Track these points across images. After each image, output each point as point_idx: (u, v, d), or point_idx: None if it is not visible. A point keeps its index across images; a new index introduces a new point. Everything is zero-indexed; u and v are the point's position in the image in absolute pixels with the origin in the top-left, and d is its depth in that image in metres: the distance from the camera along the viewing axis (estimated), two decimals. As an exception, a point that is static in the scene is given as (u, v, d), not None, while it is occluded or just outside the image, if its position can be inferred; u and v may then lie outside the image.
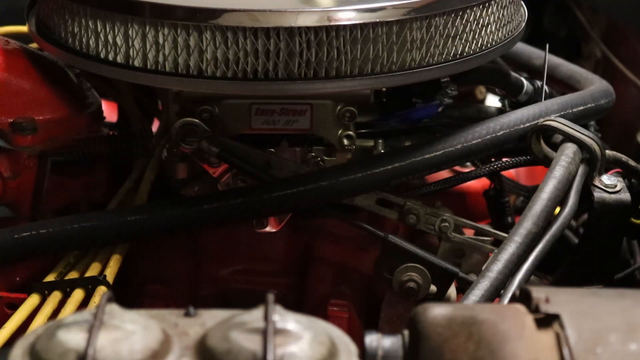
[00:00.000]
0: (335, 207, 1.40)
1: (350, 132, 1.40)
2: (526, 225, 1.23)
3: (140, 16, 1.31)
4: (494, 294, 1.18)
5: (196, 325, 0.87)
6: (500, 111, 1.55)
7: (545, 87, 1.56)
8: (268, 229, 1.41)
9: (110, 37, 1.34)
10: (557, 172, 1.30)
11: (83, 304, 1.32)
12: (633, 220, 1.36)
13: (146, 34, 1.31)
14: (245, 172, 1.38)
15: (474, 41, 1.39)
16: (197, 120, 1.36)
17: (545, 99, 1.52)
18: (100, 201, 1.48)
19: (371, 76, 1.32)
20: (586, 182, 1.34)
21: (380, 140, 1.43)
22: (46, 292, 1.33)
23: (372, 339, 0.89)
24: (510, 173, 1.67)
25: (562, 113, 1.43)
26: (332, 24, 1.29)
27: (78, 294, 1.32)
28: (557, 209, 1.29)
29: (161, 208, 1.34)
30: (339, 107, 1.38)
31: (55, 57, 1.44)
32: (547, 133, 1.38)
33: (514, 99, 1.58)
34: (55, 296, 1.33)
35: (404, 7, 1.31)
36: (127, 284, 1.46)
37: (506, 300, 1.14)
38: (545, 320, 0.87)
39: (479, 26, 1.39)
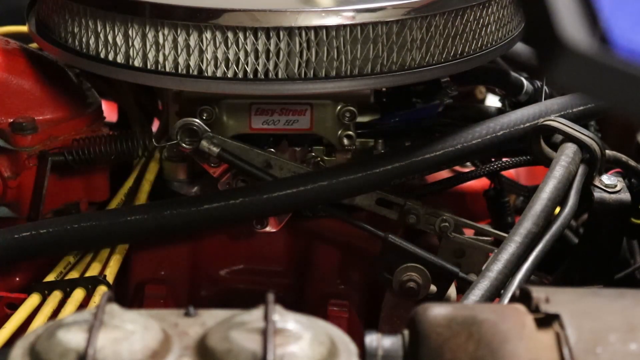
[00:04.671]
0: (335, 207, 1.40)
1: (350, 132, 1.40)
2: (526, 225, 1.23)
3: (140, 16, 1.31)
4: (494, 294, 1.18)
5: (196, 325, 0.87)
6: (500, 111, 1.55)
7: (545, 87, 1.56)
8: (268, 229, 1.41)
9: (110, 37, 1.34)
10: (557, 172, 1.30)
11: (83, 304, 1.32)
12: (633, 220, 1.36)
13: (146, 34, 1.31)
14: (245, 172, 1.38)
15: (474, 41, 1.39)
16: (197, 120, 1.36)
17: (545, 99, 1.52)
18: (100, 201, 1.48)
19: (371, 76, 1.32)
20: (586, 182, 1.34)
21: (380, 140, 1.43)
22: (46, 292, 1.33)
23: (372, 339, 0.89)
24: (510, 173, 1.67)
25: (562, 113, 1.43)
26: (332, 24, 1.29)
27: (78, 294, 1.32)
28: (557, 209, 1.29)
29: (161, 208, 1.34)
30: (339, 107, 1.38)
31: (55, 57, 1.45)
32: (547, 133, 1.38)
33: (514, 99, 1.58)
34: (55, 296, 1.33)
35: (404, 7, 1.31)
36: (127, 284, 1.46)
37: (506, 300, 1.14)
38: (545, 320, 0.87)
39: (479, 26, 1.39)
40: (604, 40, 0.73)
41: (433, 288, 1.38)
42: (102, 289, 1.32)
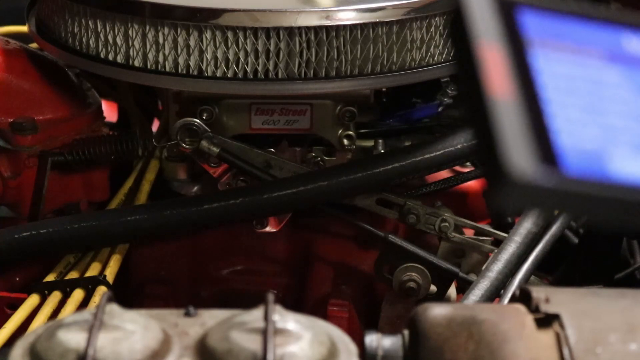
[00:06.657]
0: (335, 207, 1.40)
1: (350, 132, 1.40)
2: (526, 225, 1.23)
3: (140, 16, 1.31)
4: (494, 294, 1.18)
5: (196, 325, 0.87)
6: (500, 111, 1.55)
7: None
8: (268, 229, 1.41)
9: (110, 37, 1.34)
10: (557, 171, 1.29)
11: (83, 304, 1.32)
12: (633, 220, 1.35)
13: (146, 34, 1.31)
14: (245, 172, 1.38)
15: (474, 41, 1.39)
16: (197, 120, 1.36)
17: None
18: (100, 201, 1.48)
19: (371, 76, 1.32)
20: (586, 182, 1.33)
21: (380, 140, 1.43)
22: (46, 292, 1.33)
23: (372, 339, 0.89)
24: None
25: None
26: (332, 24, 1.29)
27: (78, 294, 1.32)
28: (557, 209, 1.29)
29: (161, 208, 1.34)
30: (339, 107, 1.38)
31: (55, 57, 1.44)
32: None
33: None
34: (55, 296, 1.32)
35: (404, 7, 1.31)
36: (127, 284, 1.46)
37: (506, 300, 1.14)
38: (545, 320, 0.87)
39: (479, 26, 1.39)
40: (551, 162, 0.66)
41: (433, 288, 1.38)
42: (102, 289, 1.32)
